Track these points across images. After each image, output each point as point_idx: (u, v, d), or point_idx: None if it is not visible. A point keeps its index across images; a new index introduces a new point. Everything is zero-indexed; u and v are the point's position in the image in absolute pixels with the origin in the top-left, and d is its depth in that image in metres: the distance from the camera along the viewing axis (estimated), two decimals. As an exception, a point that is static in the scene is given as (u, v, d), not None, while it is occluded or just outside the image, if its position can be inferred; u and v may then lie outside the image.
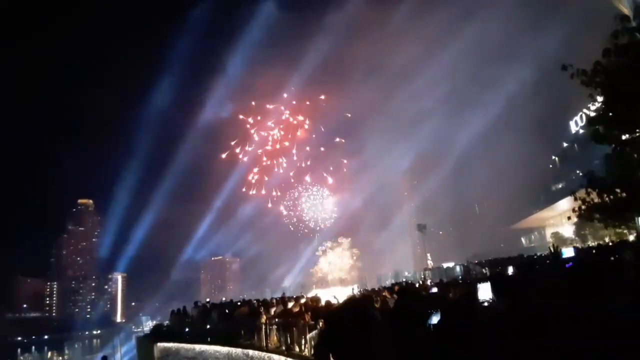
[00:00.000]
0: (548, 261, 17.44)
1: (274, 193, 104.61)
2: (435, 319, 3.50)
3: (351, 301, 2.40)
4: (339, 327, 2.26)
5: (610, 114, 14.37)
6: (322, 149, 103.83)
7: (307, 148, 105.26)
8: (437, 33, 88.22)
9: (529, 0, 74.87)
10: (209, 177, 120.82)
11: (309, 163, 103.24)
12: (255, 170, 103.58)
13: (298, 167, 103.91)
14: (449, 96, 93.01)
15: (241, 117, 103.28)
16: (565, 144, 67.84)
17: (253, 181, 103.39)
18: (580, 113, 56.02)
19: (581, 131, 55.16)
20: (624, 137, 14.64)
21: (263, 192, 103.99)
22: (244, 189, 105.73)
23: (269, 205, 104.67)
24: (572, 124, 61.34)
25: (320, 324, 11.73)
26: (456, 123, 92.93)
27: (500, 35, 77.91)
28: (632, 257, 8.63)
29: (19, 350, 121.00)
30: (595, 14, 44.13)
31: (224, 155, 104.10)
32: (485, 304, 5.71)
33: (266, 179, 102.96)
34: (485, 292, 5.98)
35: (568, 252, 14.16)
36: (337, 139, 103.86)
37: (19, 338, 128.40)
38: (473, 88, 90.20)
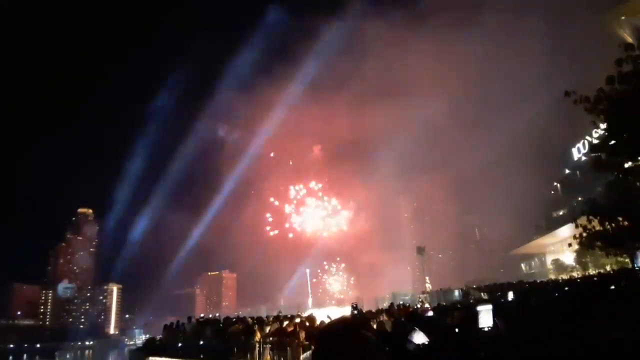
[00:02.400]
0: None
1: (273, 211, 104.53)
2: (425, 339, 3.40)
3: (344, 320, 2.30)
4: (331, 346, 2.16)
5: (613, 141, 14.31)
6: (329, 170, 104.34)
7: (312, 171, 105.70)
8: (443, 60, 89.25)
9: (536, 29, 75.73)
10: (208, 192, 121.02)
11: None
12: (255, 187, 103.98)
13: (299, 186, 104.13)
14: (453, 121, 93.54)
15: (237, 136, 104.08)
16: (567, 171, 67.76)
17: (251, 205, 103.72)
18: (583, 140, 56.18)
19: (583, 158, 55.21)
20: (626, 165, 14.57)
21: (263, 206, 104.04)
22: (245, 203, 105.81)
23: (269, 222, 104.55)
24: (574, 150, 61.40)
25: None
26: (459, 147, 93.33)
27: (505, 63, 78.80)
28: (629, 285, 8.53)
29: (10, 357, 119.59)
30: (600, 44, 44.61)
31: (224, 171, 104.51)
32: (486, 328, 5.60)
33: (274, 201, 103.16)
34: (486, 314, 5.87)
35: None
36: (341, 161, 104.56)
37: (11, 345, 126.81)
38: (477, 114, 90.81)
